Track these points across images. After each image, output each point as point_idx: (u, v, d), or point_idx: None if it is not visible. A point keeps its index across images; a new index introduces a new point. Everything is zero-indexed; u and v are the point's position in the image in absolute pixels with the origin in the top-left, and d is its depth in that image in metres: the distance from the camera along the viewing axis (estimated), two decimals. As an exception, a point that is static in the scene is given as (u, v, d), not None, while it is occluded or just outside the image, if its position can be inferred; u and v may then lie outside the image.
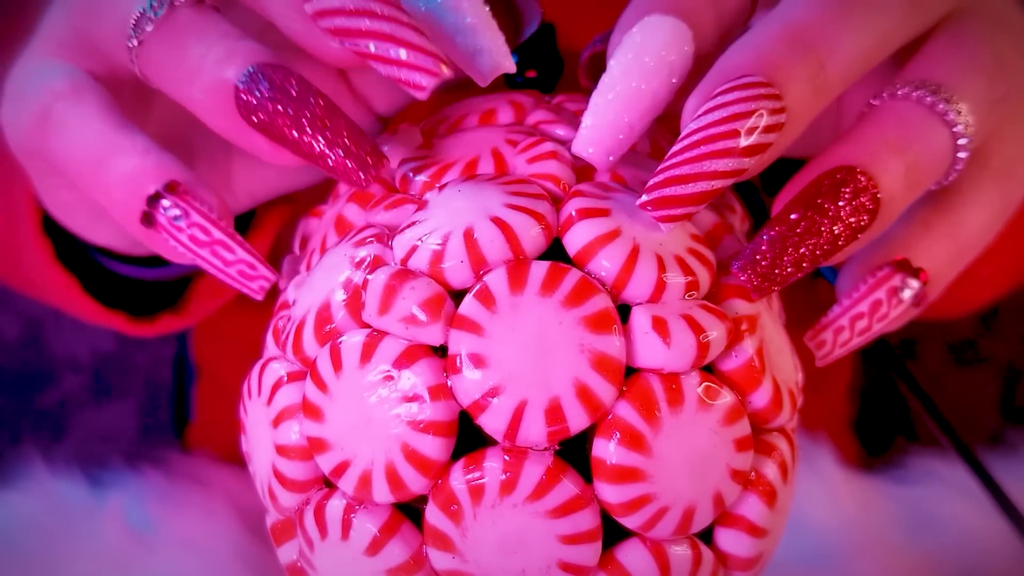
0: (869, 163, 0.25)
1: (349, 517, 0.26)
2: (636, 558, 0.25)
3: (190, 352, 0.63)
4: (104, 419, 0.88)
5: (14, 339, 0.87)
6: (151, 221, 0.27)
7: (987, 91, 0.26)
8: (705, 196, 0.24)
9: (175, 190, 0.26)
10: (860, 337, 0.27)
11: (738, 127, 0.24)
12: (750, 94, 0.24)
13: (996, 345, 0.84)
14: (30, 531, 0.42)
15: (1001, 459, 0.39)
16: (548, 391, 0.24)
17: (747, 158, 0.24)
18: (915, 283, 0.27)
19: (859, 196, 0.25)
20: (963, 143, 0.26)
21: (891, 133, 0.25)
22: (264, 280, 0.27)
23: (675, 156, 0.24)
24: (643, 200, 0.25)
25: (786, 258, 0.24)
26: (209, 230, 0.26)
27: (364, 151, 0.26)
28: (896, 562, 0.40)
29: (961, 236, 0.27)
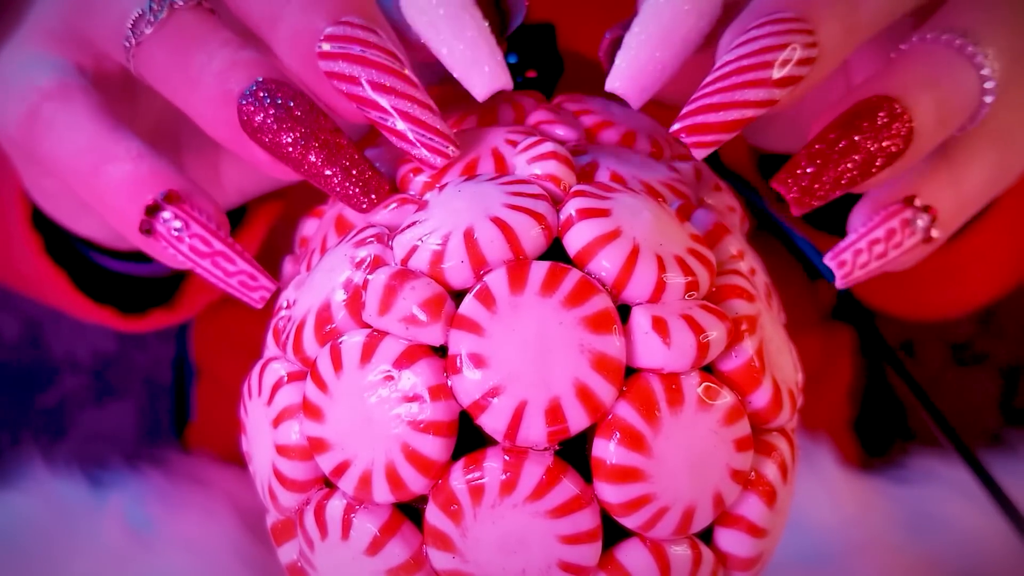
0: (903, 94, 0.26)
1: (349, 517, 0.26)
2: (636, 558, 0.25)
3: (190, 352, 0.63)
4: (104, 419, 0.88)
5: (14, 339, 0.87)
6: (150, 230, 0.26)
7: (1010, 42, 0.27)
8: (736, 124, 0.25)
9: (174, 200, 0.26)
10: (878, 261, 0.27)
11: (771, 58, 0.25)
12: (783, 27, 0.25)
13: (996, 345, 0.83)
14: (30, 531, 0.42)
15: (1001, 459, 0.39)
16: (548, 391, 0.24)
17: (779, 89, 0.25)
18: (926, 216, 0.27)
19: (896, 121, 0.25)
20: (989, 87, 0.27)
21: (923, 71, 0.26)
22: (264, 290, 0.27)
23: (709, 85, 0.25)
24: (675, 128, 0.25)
25: (826, 174, 0.25)
26: (210, 241, 0.26)
27: (367, 175, 0.26)
28: (896, 562, 0.40)
29: (962, 187, 0.28)
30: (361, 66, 0.25)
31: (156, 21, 0.27)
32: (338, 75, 0.26)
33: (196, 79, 0.26)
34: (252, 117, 0.25)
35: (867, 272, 0.27)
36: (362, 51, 0.25)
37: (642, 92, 0.27)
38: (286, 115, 0.25)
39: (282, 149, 0.25)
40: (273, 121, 0.25)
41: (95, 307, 0.43)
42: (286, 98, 0.25)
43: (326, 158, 0.25)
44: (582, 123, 0.30)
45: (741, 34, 0.25)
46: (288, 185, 0.36)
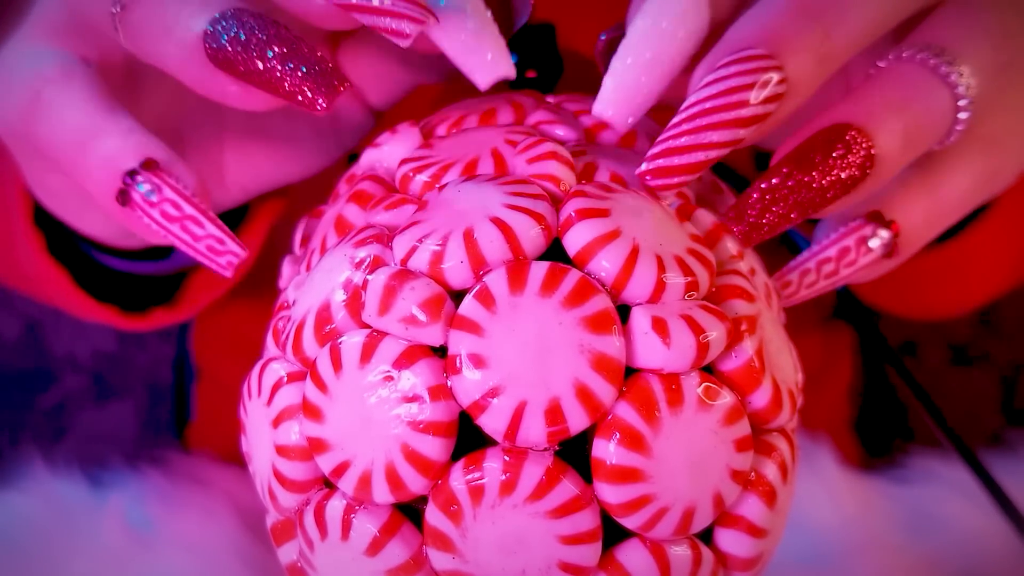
0: (866, 121, 0.25)
1: (349, 517, 0.26)
2: (636, 558, 0.25)
3: (190, 352, 0.63)
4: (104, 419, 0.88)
5: (14, 339, 0.87)
6: (126, 198, 0.27)
7: (991, 56, 0.27)
8: (700, 166, 0.25)
9: (151, 167, 0.27)
10: (826, 280, 0.27)
11: (736, 100, 0.25)
12: (750, 67, 0.25)
13: (996, 345, 0.84)
14: (30, 531, 0.42)
15: (1001, 459, 0.39)
16: (548, 391, 0.24)
17: (742, 129, 0.25)
18: (885, 233, 0.27)
19: (851, 153, 0.25)
20: (963, 104, 0.26)
21: (893, 93, 0.26)
22: (232, 255, 0.27)
23: (674, 128, 0.25)
24: (641, 170, 0.26)
25: (774, 208, 0.25)
26: (180, 205, 0.27)
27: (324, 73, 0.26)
28: (896, 562, 0.40)
29: (939, 198, 0.28)
30: None
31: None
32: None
33: (169, 27, 0.27)
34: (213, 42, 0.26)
35: (813, 292, 0.28)
36: None
37: (628, 117, 0.27)
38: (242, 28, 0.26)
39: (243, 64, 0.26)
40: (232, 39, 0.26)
41: (96, 306, 0.43)
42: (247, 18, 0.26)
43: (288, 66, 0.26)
44: (582, 123, 0.30)
45: (709, 72, 0.25)
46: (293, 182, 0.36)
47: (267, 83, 0.26)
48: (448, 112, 0.31)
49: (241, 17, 0.26)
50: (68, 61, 0.29)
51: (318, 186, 0.35)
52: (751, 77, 0.25)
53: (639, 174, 0.26)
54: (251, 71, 0.26)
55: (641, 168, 0.26)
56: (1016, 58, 0.28)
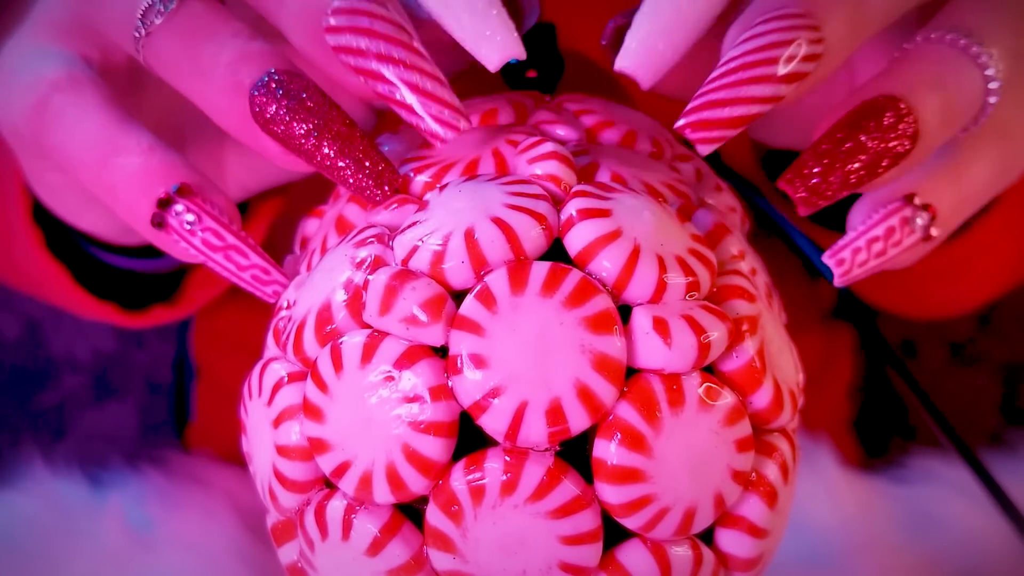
0: (909, 94, 0.25)
1: (350, 518, 0.26)
2: (637, 559, 0.25)
3: (190, 352, 0.63)
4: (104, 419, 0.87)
5: (14, 339, 0.87)
6: (162, 224, 0.26)
7: (1013, 42, 0.27)
8: (742, 120, 0.25)
9: (186, 193, 0.26)
10: (877, 259, 0.27)
11: (776, 55, 0.25)
12: (789, 24, 0.25)
13: (996, 345, 0.83)
14: (30, 531, 0.42)
15: (1001, 459, 0.39)
16: (549, 392, 0.24)
17: (784, 85, 0.25)
18: (925, 214, 0.27)
19: (901, 121, 0.25)
20: (994, 87, 0.27)
21: (928, 71, 0.26)
22: (278, 285, 0.27)
23: (714, 81, 0.25)
24: (680, 123, 0.25)
25: (833, 174, 0.25)
26: (222, 235, 0.26)
27: (379, 167, 0.26)
28: (896, 562, 0.40)
29: (962, 186, 0.28)
30: (368, 38, 0.25)
31: (166, 11, 0.26)
32: (345, 48, 0.25)
33: (207, 70, 0.26)
34: (264, 108, 0.25)
35: (865, 270, 0.27)
36: (370, 23, 0.25)
37: (652, 73, 0.26)
38: (299, 106, 0.25)
39: (295, 140, 0.25)
40: (286, 112, 0.25)
41: (96, 303, 0.43)
42: (298, 89, 0.25)
43: (339, 149, 0.25)
44: (583, 123, 0.30)
45: (747, 29, 0.25)
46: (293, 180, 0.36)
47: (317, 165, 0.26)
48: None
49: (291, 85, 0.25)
50: (72, 63, 0.29)
51: (318, 186, 0.35)
52: (790, 34, 0.24)
53: (677, 127, 0.25)
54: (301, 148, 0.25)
55: (679, 122, 0.25)
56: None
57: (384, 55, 0.25)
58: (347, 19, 0.25)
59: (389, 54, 0.25)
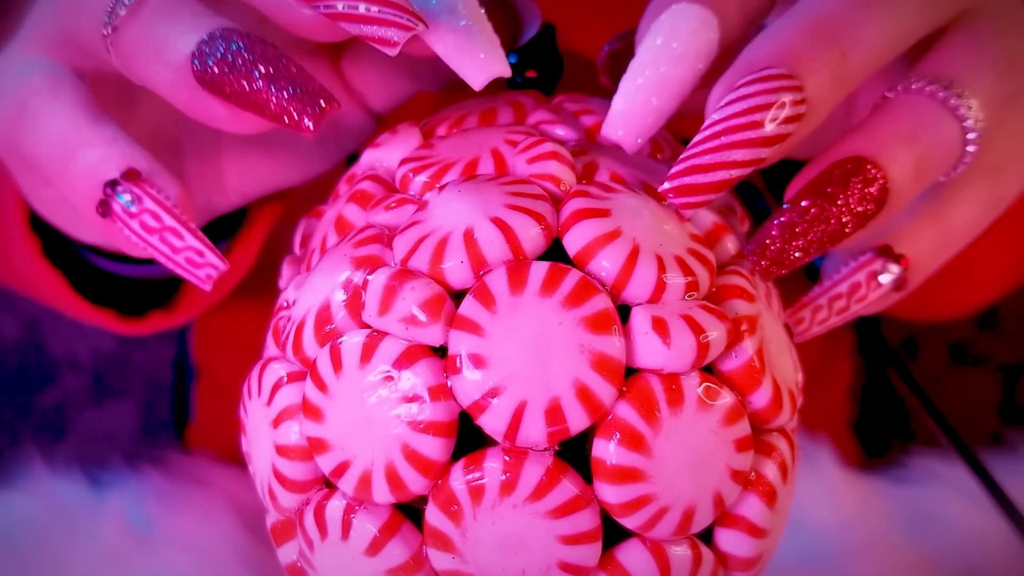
0: (879, 153, 0.26)
1: (349, 517, 0.26)
2: (636, 558, 0.25)
3: (190, 352, 0.63)
4: (104, 419, 0.88)
5: (14, 339, 0.87)
6: (107, 209, 0.26)
7: (997, 88, 0.27)
8: (723, 185, 0.25)
9: (132, 177, 0.26)
10: (837, 316, 0.28)
11: (759, 118, 0.25)
12: (772, 86, 0.25)
13: (996, 345, 0.83)
14: (30, 531, 0.42)
15: (1001, 459, 0.39)
16: (548, 391, 0.24)
17: (766, 148, 0.25)
18: (895, 268, 0.27)
19: (869, 186, 0.25)
20: (972, 137, 0.27)
21: (903, 125, 0.26)
22: (212, 268, 0.26)
23: (697, 145, 0.25)
24: (665, 187, 0.25)
25: (795, 243, 0.25)
26: (160, 216, 0.26)
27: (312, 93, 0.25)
28: (896, 562, 0.40)
29: (947, 227, 0.28)
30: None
31: (129, 3, 0.27)
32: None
33: (159, 49, 0.26)
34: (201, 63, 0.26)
35: (825, 327, 0.28)
36: None
37: (638, 138, 0.27)
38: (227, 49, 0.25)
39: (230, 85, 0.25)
40: (219, 60, 0.25)
41: (93, 309, 0.43)
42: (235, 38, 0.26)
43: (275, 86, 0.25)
44: (582, 123, 0.30)
45: (730, 91, 0.25)
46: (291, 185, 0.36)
47: (254, 104, 0.26)
48: (448, 112, 0.31)
49: (229, 37, 0.26)
50: (56, 71, 0.29)
51: (318, 186, 0.35)
52: (772, 96, 0.25)
53: (662, 191, 0.25)
54: (238, 92, 0.26)
55: (664, 186, 0.25)
56: (1021, 89, 0.28)
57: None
58: None
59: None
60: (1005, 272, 0.50)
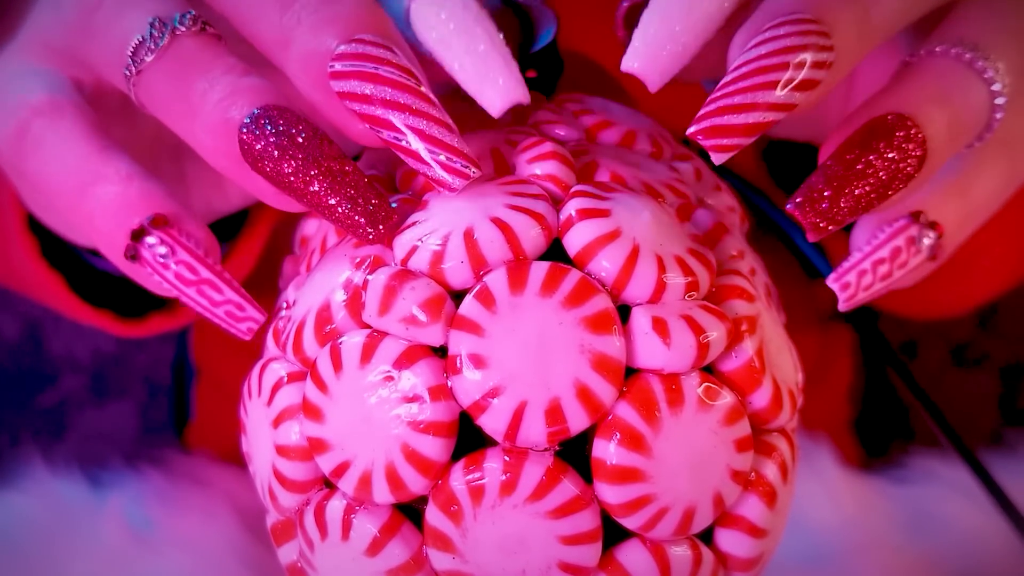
0: (916, 112, 0.25)
1: (349, 517, 0.26)
2: (636, 559, 0.25)
3: (190, 352, 0.63)
4: (104, 419, 0.88)
5: (14, 339, 0.87)
6: (136, 256, 0.25)
7: (1019, 55, 0.27)
8: (757, 128, 0.24)
9: (161, 224, 0.25)
10: (882, 282, 0.27)
11: (789, 60, 0.24)
12: (801, 29, 0.24)
13: (996, 345, 0.83)
14: (30, 531, 0.42)
15: (1001, 459, 0.39)
16: (548, 392, 0.24)
17: (799, 92, 0.24)
18: (932, 233, 0.27)
19: (910, 142, 0.25)
20: (1000, 102, 0.26)
21: (932, 86, 0.26)
22: (252, 321, 0.26)
23: (727, 86, 0.24)
24: (693, 130, 0.24)
25: (844, 198, 0.24)
26: (196, 268, 0.25)
27: (372, 203, 0.24)
28: (896, 562, 0.40)
29: (970, 199, 0.28)
30: (373, 84, 0.24)
31: (157, 48, 0.25)
32: (350, 95, 0.24)
33: (197, 108, 0.25)
34: (252, 145, 0.24)
35: (871, 294, 0.27)
36: (375, 68, 0.24)
37: (661, 74, 0.25)
38: (288, 143, 0.24)
39: (284, 178, 0.24)
40: (274, 149, 0.24)
41: (92, 311, 0.43)
42: (288, 125, 0.24)
43: (329, 186, 0.24)
44: (582, 123, 0.30)
45: (757, 33, 0.25)
46: None
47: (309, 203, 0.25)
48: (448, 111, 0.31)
49: (280, 122, 0.24)
50: (59, 87, 0.28)
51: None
52: (803, 39, 0.24)
53: (690, 134, 0.24)
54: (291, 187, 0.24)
55: (692, 129, 0.24)
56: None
57: (390, 101, 0.24)
58: (352, 64, 0.24)
59: (395, 99, 0.24)
60: (1005, 268, 0.50)
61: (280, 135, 0.24)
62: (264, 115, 0.24)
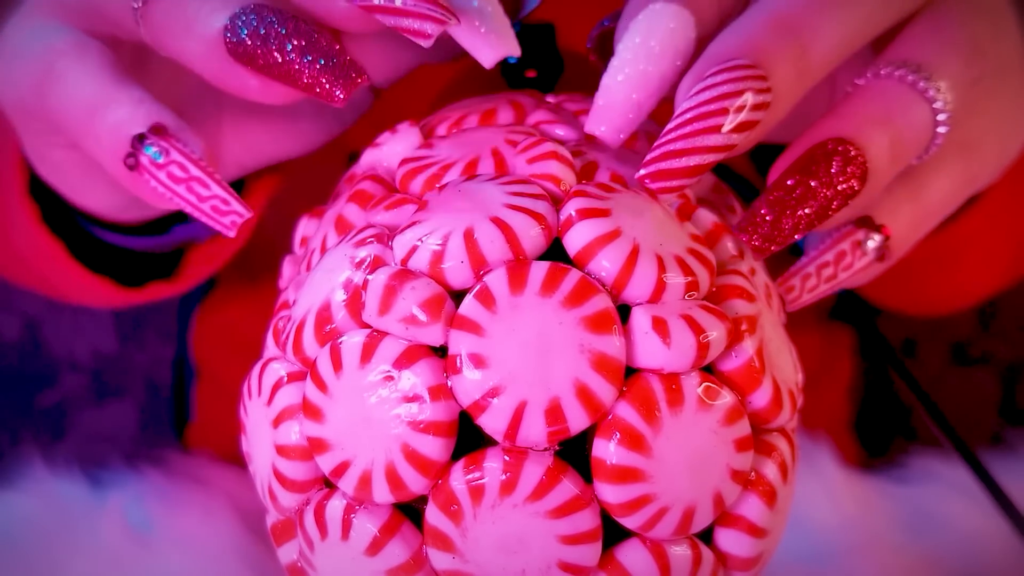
0: (856, 135, 0.26)
1: (349, 517, 0.26)
2: (636, 558, 0.25)
3: (190, 352, 0.63)
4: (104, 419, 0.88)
5: (14, 339, 0.87)
6: (134, 163, 0.28)
7: (964, 72, 0.28)
8: (698, 169, 0.26)
9: (159, 131, 0.28)
10: (826, 284, 0.29)
11: (727, 105, 0.25)
12: (738, 75, 0.26)
13: (996, 345, 0.84)
14: (30, 531, 0.42)
15: (1001, 459, 0.39)
16: (548, 391, 0.24)
17: (736, 134, 0.25)
18: (877, 237, 0.28)
19: (850, 164, 0.26)
20: (942, 119, 0.28)
21: (876, 109, 0.27)
22: (236, 215, 0.28)
23: (670, 132, 0.26)
24: (640, 174, 0.26)
25: (784, 220, 0.26)
26: (186, 166, 0.28)
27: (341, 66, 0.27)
28: (896, 562, 0.40)
29: (923, 202, 0.29)
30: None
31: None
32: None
33: (190, 22, 0.28)
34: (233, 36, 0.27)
35: (815, 296, 0.29)
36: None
37: (619, 133, 0.27)
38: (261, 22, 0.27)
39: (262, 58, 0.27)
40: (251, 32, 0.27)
41: (92, 277, 0.43)
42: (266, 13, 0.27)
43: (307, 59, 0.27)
44: (582, 123, 0.30)
45: (699, 81, 0.26)
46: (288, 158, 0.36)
47: (286, 76, 0.27)
48: (448, 112, 0.31)
49: (261, 12, 0.27)
50: (80, 35, 0.30)
51: (318, 186, 0.35)
52: (740, 84, 0.25)
53: (638, 178, 0.26)
54: (270, 64, 0.27)
55: (639, 173, 0.26)
56: (986, 70, 0.29)
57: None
58: None
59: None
60: (1003, 264, 0.50)
61: (258, 20, 0.27)
62: (245, 10, 0.27)
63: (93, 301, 0.47)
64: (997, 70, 0.29)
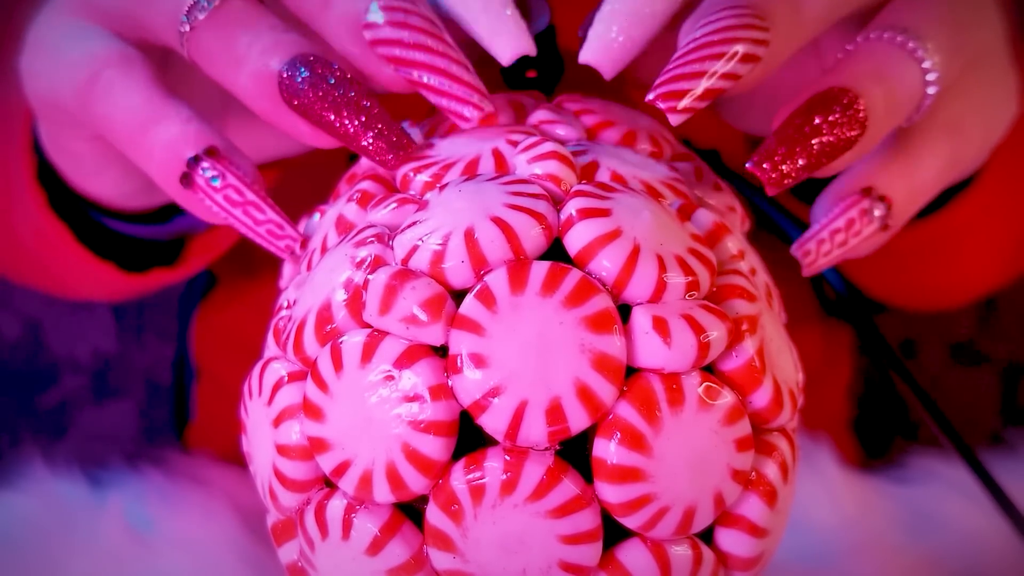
0: (855, 86, 0.28)
1: (350, 517, 0.26)
2: (637, 558, 0.25)
3: (190, 352, 0.63)
4: (104, 419, 0.88)
5: (14, 339, 0.87)
6: (189, 182, 0.29)
7: (950, 39, 0.29)
8: (706, 94, 0.27)
9: (214, 154, 0.29)
10: (840, 249, 0.30)
11: (731, 35, 0.27)
12: (741, 12, 0.27)
13: (996, 345, 0.84)
14: (30, 531, 0.42)
15: (1001, 459, 0.39)
16: (549, 391, 0.24)
17: (741, 64, 0.27)
18: (882, 205, 0.30)
19: (849, 109, 0.28)
20: (931, 79, 0.29)
21: (870, 65, 0.29)
22: (290, 240, 0.29)
23: (678, 59, 0.27)
24: (650, 96, 0.27)
25: (798, 154, 0.27)
26: (243, 191, 0.29)
27: (395, 134, 0.28)
28: (896, 562, 0.40)
29: (916, 178, 0.31)
30: (402, 29, 0.28)
31: (209, 8, 0.29)
32: (382, 41, 0.28)
33: (242, 58, 0.29)
34: (290, 85, 0.28)
35: (830, 260, 0.30)
36: (404, 17, 0.28)
37: (613, 63, 0.29)
38: (321, 81, 0.28)
39: (317, 113, 0.28)
40: (309, 87, 0.28)
41: (96, 262, 0.43)
42: (321, 68, 0.28)
43: (358, 119, 0.28)
44: (583, 123, 0.30)
45: (701, 19, 0.27)
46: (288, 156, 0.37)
47: (342, 136, 0.28)
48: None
49: (314, 67, 0.28)
50: (126, 48, 0.31)
51: (318, 185, 0.35)
52: (744, 19, 0.27)
53: (648, 100, 0.27)
54: (324, 122, 0.28)
55: (649, 96, 0.27)
56: (967, 48, 0.30)
57: (417, 44, 0.28)
58: (385, 15, 0.28)
59: (422, 43, 0.28)
60: (1003, 258, 0.50)
61: (314, 77, 0.28)
62: (301, 60, 0.28)
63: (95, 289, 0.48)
64: (980, 55, 0.31)
